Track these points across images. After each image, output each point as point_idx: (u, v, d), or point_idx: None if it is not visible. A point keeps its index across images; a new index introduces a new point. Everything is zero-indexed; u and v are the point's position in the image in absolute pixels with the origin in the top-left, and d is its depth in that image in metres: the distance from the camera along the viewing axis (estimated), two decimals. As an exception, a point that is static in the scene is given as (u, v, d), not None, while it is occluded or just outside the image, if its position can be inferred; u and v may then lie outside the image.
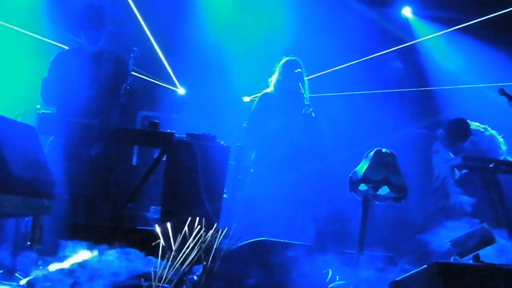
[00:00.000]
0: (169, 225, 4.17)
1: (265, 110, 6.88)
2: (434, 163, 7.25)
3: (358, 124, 8.56)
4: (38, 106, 6.88)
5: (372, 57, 8.99)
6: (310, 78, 7.24)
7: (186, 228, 4.17)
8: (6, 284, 4.12)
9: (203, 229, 4.21)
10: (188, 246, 4.14)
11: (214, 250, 4.22)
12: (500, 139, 7.32)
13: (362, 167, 5.45)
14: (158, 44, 9.05)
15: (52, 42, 7.85)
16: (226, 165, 6.12)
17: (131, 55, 6.22)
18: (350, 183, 5.48)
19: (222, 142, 6.01)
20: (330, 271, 5.00)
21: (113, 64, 6.28)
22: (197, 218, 4.23)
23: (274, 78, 7.03)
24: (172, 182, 5.80)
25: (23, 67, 7.60)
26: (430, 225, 5.37)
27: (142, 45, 7.67)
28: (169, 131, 5.87)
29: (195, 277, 4.21)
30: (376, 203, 5.56)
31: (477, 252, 4.44)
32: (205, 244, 4.20)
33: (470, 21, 8.73)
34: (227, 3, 9.12)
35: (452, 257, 4.74)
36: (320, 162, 6.82)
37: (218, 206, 5.87)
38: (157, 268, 4.04)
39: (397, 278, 4.22)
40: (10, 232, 5.87)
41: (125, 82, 6.08)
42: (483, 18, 8.61)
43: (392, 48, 9.21)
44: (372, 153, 5.49)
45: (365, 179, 5.39)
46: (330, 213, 7.19)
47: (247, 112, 7.13)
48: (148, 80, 8.97)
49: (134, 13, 8.68)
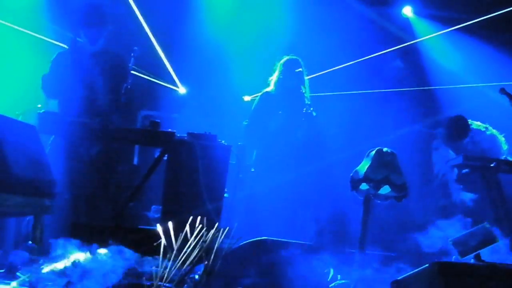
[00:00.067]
0: (170, 225, 4.16)
1: (266, 109, 6.87)
2: (434, 160, 7.26)
3: (359, 124, 8.56)
4: (39, 106, 6.89)
5: (373, 57, 8.98)
6: (311, 78, 7.24)
7: (187, 228, 4.17)
8: (7, 283, 4.12)
9: (204, 229, 4.21)
10: (189, 246, 4.14)
11: (215, 250, 4.22)
12: (501, 139, 7.32)
13: (363, 167, 5.45)
14: (159, 44, 9.05)
15: (53, 42, 7.84)
16: (227, 165, 6.11)
17: (132, 55, 6.22)
18: (351, 183, 5.48)
19: (223, 142, 6.00)
20: (331, 271, 5.00)
21: (114, 64, 6.28)
22: (198, 218, 4.23)
23: (275, 77, 7.01)
24: (173, 182, 5.79)
25: (24, 66, 7.59)
26: (430, 224, 5.37)
27: (143, 45, 7.66)
28: (170, 131, 5.86)
29: (196, 277, 4.21)
30: (377, 202, 5.56)
31: (479, 252, 4.43)
32: (206, 244, 4.19)
33: (471, 21, 8.72)
34: (228, 3, 9.12)
35: (454, 257, 4.74)
36: (321, 162, 6.82)
37: (219, 206, 5.86)
38: (159, 267, 4.04)
39: (398, 278, 4.21)
40: (11, 232, 5.87)
41: (126, 82, 6.09)
42: (484, 18, 8.61)
43: (393, 48, 9.21)
44: (373, 153, 5.49)
45: (366, 179, 5.39)
46: (331, 213, 7.18)
47: (248, 112, 7.13)
48: (149, 80, 8.97)
49: (135, 13, 8.68)
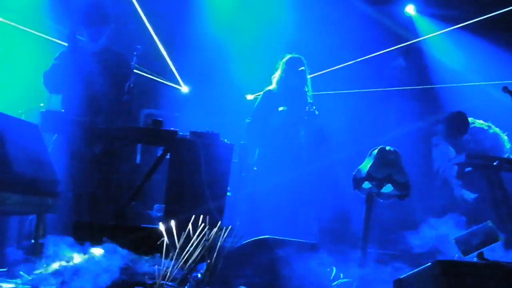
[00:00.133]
0: (173, 223, 4.17)
1: (268, 107, 6.86)
2: (434, 157, 7.26)
3: (362, 122, 8.55)
4: (42, 104, 6.89)
5: (375, 55, 8.97)
6: (313, 76, 7.23)
7: (190, 226, 4.17)
8: (11, 282, 4.13)
9: (207, 227, 4.22)
10: (192, 244, 4.14)
11: (218, 248, 4.22)
12: (504, 137, 7.31)
13: (366, 165, 5.45)
14: (162, 42, 9.04)
15: (56, 40, 7.84)
16: (230, 163, 6.10)
17: (134, 53, 6.21)
18: (354, 181, 5.48)
19: (226, 140, 6.00)
20: (334, 269, 5.01)
21: (116, 62, 6.28)
22: (201, 216, 4.23)
23: (277, 76, 7.00)
24: (176, 180, 5.79)
25: (27, 65, 7.59)
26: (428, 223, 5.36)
27: (146, 43, 7.65)
28: (173, 129, 5.86)
29: (199, 275, 4.21)
30: (380, 201, 5.56)
31: (481, 250, 4.43)
32: (209, 242, 4.20)
33: (474, 19, 8.71)
34: (230, 1, 9.11)
35: (456, 255, 4.74)
36: (323, 161, 6.82)
37: (222, 204, 5.86)
38: (158, 266, 4.04)
39: (401, 276, 4.21)
40: (14, 231, 5.87)
41: (128, 80, 6.08)
42: (487, 16, 8.60)
43: (395, 46, 9.20)
44: (376, 151, 5.49)
45: (369, 177, 5.39)
46: (333, 211, 7.18)
47: (251, 110, 7.12)
48: (152, 78, 8.97)
49: (137, 11, 8.68)
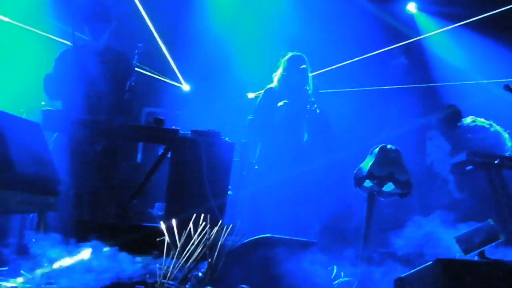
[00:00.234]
0: (174, 222, 4.17)
1: (270, 104, 6.85)
2: (428, 150, 7.26)
3: (363, 121, 8.55)
4: (43, 103, 6.89)
5: (377, 53, 8.97)
6: (315, 74, 7.22)
7: (191, 225, 4.18)
8: (12, 281, 4.13)
9: (208, 226, 4.22)
10: (193, 243, 4.14)
11: (219, 247, 4.22)
12: (506, 135, 7.30)
13: (367, 164, 5.46)
14: (163, 41, 9.05)
15: (57, 39, 7.84)
16: (231, 162, 6.10)
17: (136, 52, 6.22)
18: (355, 180, 5.49)
19: (227, 139, 6.00)
20: (335, 268, 5.00)
21: (118, 61, 6.28)
22: (202, 215, 4.23)
23: (279, 74, 6.97)
24: (177, 179, 5.79)
25: (28, 64, 7.60)
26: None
27: (147, 42, 7.65)
28: (174, 128, 5.86)
29: (200, 274, 4.21)
30: (381, 200, 5.56)
31: (483, 249, 4.43)
32: (210, 241, 4.20)
33: (476, 17, 8.70)
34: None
35: (457, 254, 4.74)
36: (325, 159, 6.81)
37: (223, 203, 5.86)
38: (162, 265, 4.04)
39: (402, 275, 4.21)
40: (16, 229, 5.88)
41: (130, 79, 6.08)
42: (489, 14, 8.59)
43: (397, 44, 9.19)
44: (377, 150, 5.50)
45: (370, 176, 5.40)
46: (335, 210, 7.18)
47: (252, 108, 7.12)
48: (153, 77, 8.98)
49: (139, 10, 8.68)
